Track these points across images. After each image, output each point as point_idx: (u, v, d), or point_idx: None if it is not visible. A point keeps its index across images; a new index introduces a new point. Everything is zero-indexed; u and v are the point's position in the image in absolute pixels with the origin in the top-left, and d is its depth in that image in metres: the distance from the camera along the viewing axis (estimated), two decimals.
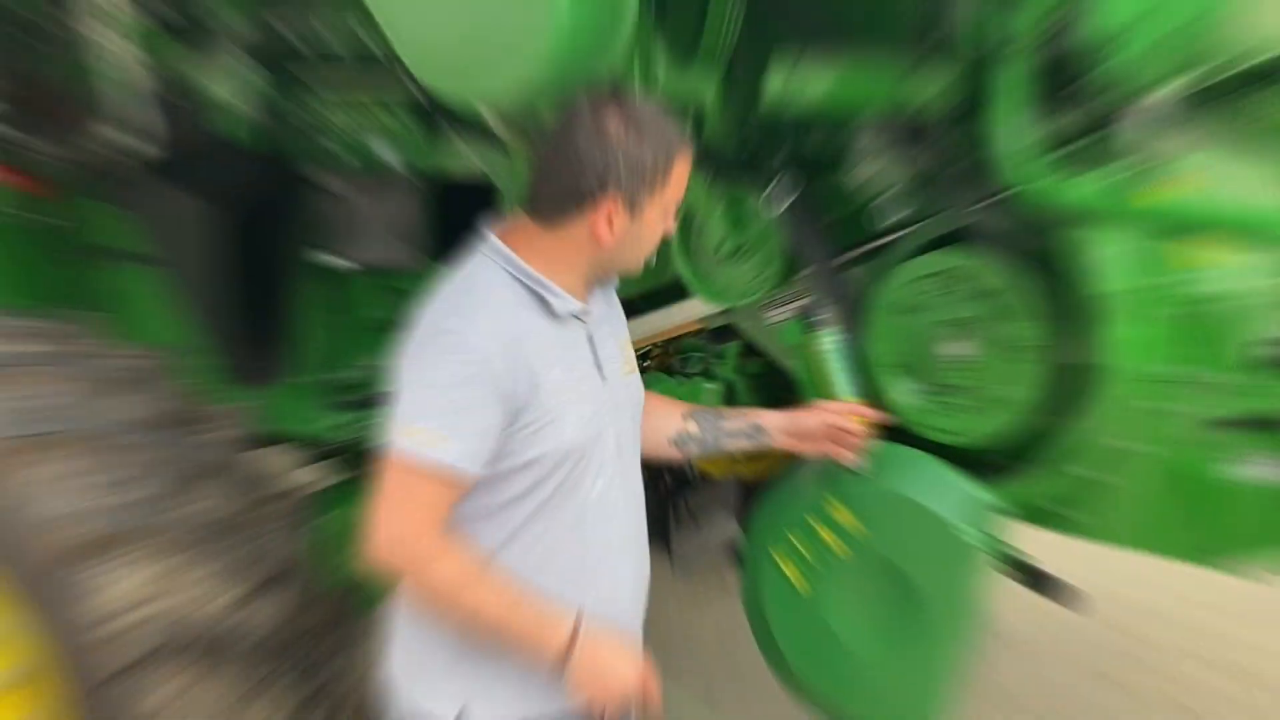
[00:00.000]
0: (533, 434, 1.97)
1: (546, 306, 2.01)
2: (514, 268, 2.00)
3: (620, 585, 2.16)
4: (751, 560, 2.50)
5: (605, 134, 1.92)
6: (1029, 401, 2.35)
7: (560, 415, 1.99)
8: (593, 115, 1.93)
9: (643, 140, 1.93)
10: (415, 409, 1.92)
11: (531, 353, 1.95)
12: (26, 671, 2.72)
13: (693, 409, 2.39)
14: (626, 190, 1.94)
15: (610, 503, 2.11)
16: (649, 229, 2.02)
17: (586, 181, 1.93)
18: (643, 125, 1.93)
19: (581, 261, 2.03)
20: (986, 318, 2.34)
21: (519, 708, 2.11)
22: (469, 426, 1.91)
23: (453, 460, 1.90)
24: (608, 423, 2.10)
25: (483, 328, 1.92)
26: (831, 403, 2.37)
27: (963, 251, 2.37)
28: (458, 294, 1.98)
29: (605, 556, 2.12)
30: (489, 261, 2.02)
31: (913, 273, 2.40)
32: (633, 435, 2.22)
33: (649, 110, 1.96)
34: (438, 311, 1.97)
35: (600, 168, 1.92)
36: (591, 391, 2.06)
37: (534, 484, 2.01)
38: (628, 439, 2.19)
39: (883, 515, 2.34)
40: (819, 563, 2.40)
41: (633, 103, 1.96)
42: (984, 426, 2.40)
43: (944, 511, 2.29)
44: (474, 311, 1.94)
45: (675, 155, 1.98)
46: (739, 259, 2.58)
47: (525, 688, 2.09)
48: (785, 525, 2.43)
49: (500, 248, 2.02)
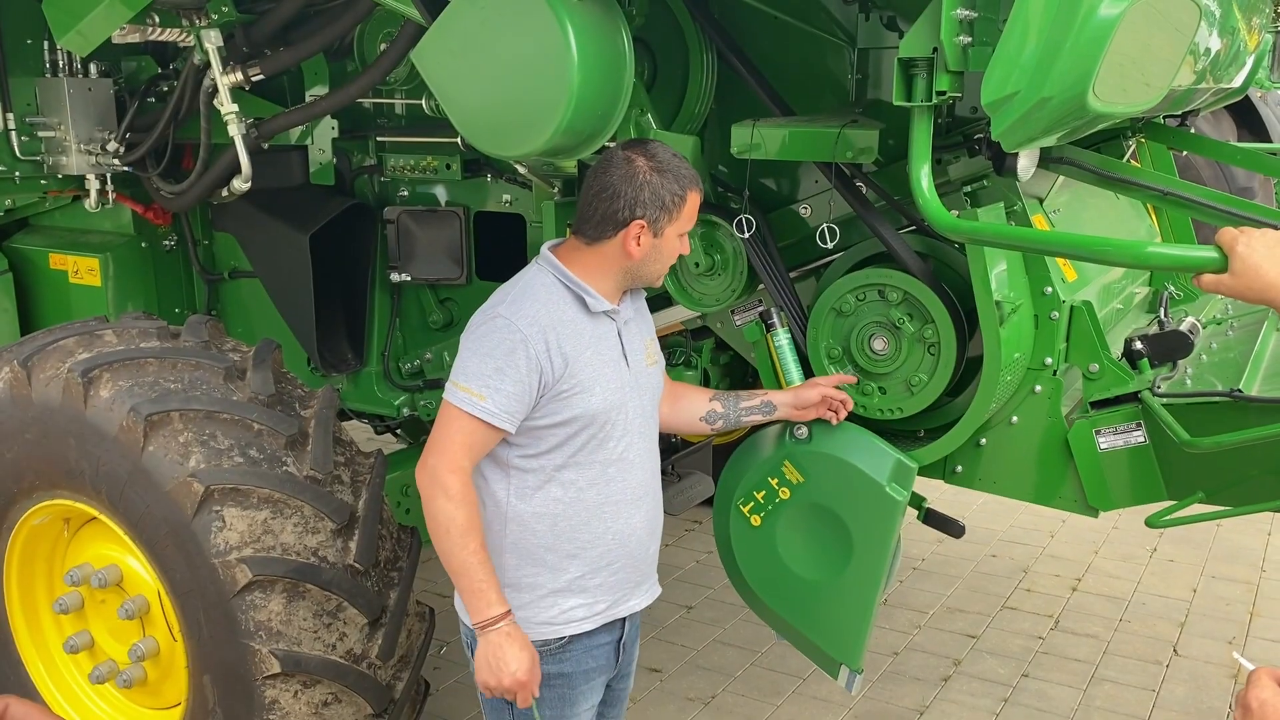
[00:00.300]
0: (566, 398, 2.02)
1: (584, 304, 2.07)
2: (560, 273, 2.07)
3: (634, 526, 2.17)
4: (721, 506, 2.51)
5: (635, 173, 2.01)
6: (938, 386, 2.36)
7: (589, 386, 2.04)
8: (626, 160, 2.02)
9: (664, 178, 2.02)
10: (465, 371, 2.00)
11: (566, 338, 2.02)
12: (148, 601, 2.75)
13: (716, 392, 2.39)
14: (651, 216, 2.02)
15: (629, 461, 2.14)
16: (668, 247, 2.09)
17: (621, 210, 2.01)
18: (664, 167, 2.02)
19: (616, 271, 2.09)
20: (906, 320, 2.36)
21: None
22: (504, 389, 1.97)
23: (485, 415, 1.97)
24: (630, 398, 2.13)
25: (526, 314, 2.00)
26: (822, 377, 2.38)
27: (888, 269, 2.39)
28: (513, 290, 2.08)
29: (623, 502, 2.14)
30: (542, 269, 2.10)
31: (849, 285, 2.41)
32: (652, 412, 2.24)
33: (668, 156, 2.05)
34: (496, 301, 2.07)
35: (631, 199, 2.01)
36: (617, 373, 2.10)
37: (566, 438, 2.06)
38: (647, 414, 2.21)
39: (823, 472, 2.35)
40: (771, 507, 2.42)
41: (656, 150, 2.05)
42: (904, 405, 2.41)
43: (870, 470, 2.31)
44: (521, 303, 2.03)
45: (688, 190, 2.05)
46: (712, 275, 2.59)
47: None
48: (748, 479, 2.44)
49: (552, 259, 2.09)
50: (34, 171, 3.38)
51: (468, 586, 2.01)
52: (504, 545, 2.10)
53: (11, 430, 2.72)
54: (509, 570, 2.10)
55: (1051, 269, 2.39)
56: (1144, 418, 2.35)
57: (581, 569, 2.12)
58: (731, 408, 2.36)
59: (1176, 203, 2.67)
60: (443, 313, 3.34)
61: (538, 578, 2.11)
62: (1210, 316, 3.19)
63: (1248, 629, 4.27)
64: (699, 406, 2.38)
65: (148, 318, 2.91)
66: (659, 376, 2.29)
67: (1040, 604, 4.50)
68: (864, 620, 2.41)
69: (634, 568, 2.21)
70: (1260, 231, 1.66)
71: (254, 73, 2.77)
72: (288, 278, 3.33)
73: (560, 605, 2.12)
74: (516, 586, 2.10)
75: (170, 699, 2.84)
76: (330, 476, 2.59)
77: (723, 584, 4.39)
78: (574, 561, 2.11)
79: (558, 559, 2.11)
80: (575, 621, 2.14)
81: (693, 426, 2.40)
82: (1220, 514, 2.36)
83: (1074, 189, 2.90)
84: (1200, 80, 2.36)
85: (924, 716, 3.66)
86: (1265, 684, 1.24)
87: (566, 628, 2.13)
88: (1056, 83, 1.77)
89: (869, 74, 2.57)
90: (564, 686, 2.16)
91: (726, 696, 3.80)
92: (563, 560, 2.11)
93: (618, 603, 2.20)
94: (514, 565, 2.10)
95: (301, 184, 3.34)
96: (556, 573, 2.11)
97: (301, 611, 2.48)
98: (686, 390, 2.43)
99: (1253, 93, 5.76)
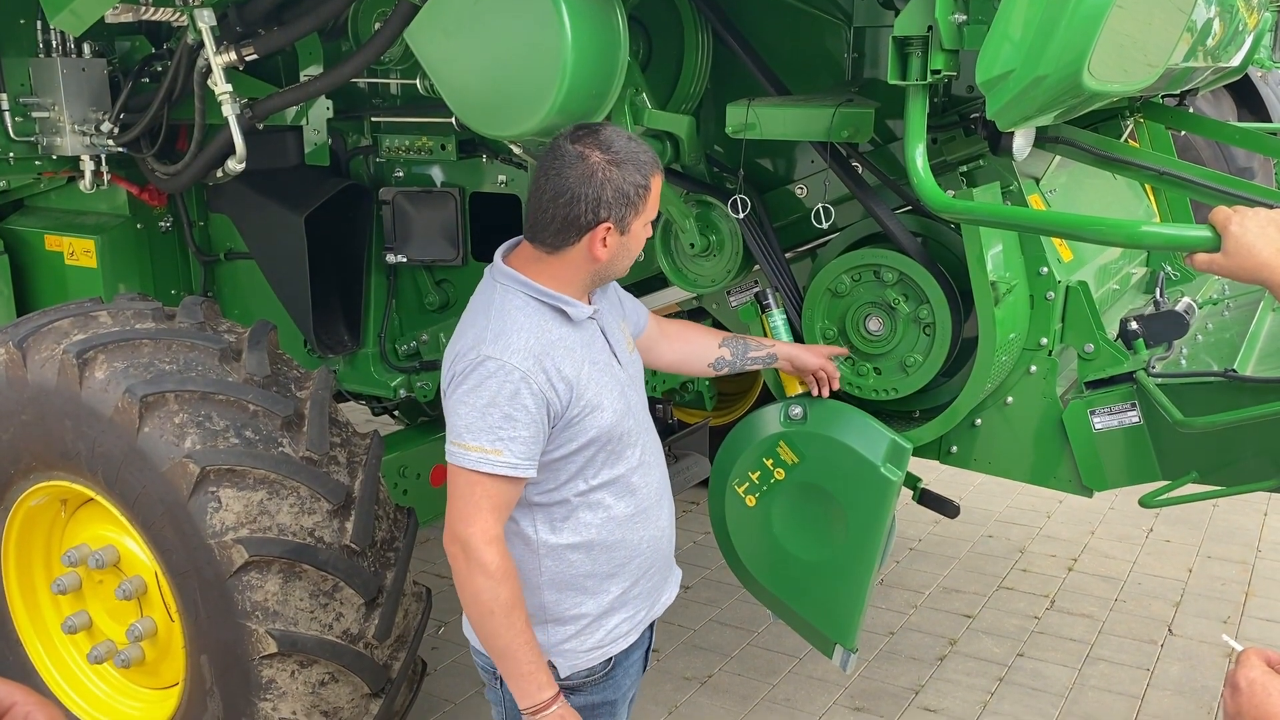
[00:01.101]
0: (580, 422, 1.89)
1: (565, 316, 1.92)
2: (531, 290, 1.91)
3: (662, 525, 2.10)
4: (716, 487, 2.51)
5: (593, 171, 1.83)
6: (933, 366, 2.36)
7: (598, 403, 1.91)
8: (579, 156, 1.83)
9: (624, 171, 1.84)
10: (470, 428, 1.82)
11: (562, 359, 1.87)
12: (146, 582, 2.76)
13: (726, 337, 2.35)
14: (617, 215, 1.86)
15: (647, 464, 2.06)
16: (636, 241, 1.94)
17: (584, 214, 1.84)
18: (622, 159, 1.84)
19: (584, 277, 1.93)
20: (901, 301, 2.35)
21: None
22: (517, 436, 1.81)
23: (505, 470, 1.82)
24: (631, 397, 2.02)
25: (516, 349, 1.83)
26: (823, 347, 2.38)
27: (883, 249, 2.38)
28: (489, 325, 1.87)
29: (650, 506, 2.05)
30: (509, 289, 1.92)
31: (844, 266, 2.39)
32: (645, 399, 2.13)
33: (624, 143, 1.87)
34: (475, 343, 1.86)
35: (594, 201, 1.83)
36: (614, 376, 1.98)
37: (586, 462, 1.93)
38: (645, 404, 2.12)
39: (818, 452, 2.35)
40: (766, 487, 2.41)
41: (609, 138, 1.86)
42: (899, 385, 2.40)
43: (865, 450, 2.31)
44: (506, 337, 1.84)
45: (650, 177, 1.89)
46: (708, 256, 2.58)
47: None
48: (743, 460, 2.43)
49: (516, 275, 1.92)
50: (28, 152, 3.37)
51: (515, 671, 1.87)
52: (540, 583, 1.97)
53: (7, 412, 2.72)
54: (550, 607, 1.98)
55: (1047, 249, 2.39)
56: (1139, 398, 2.35)
57: (623, 585, 2.03)
58: (739, 356, 2.33)
59: (1174, 183, 2.65)
60: (439, 294, 3.34)
61: (581, 607, 1.99)
62: (1206, 297, 3.19)
63: (1243, 609, 4.29)
64: (709, 352, 2.32)
65: (142, 299, 2.91)
66: (639, 358, 2.19)
67: (1036, 584, 4.51)
68: (858, 600, 2.42)
69: (665, 564, 2.16)
70: (1254, 210, 1.65)
71: (248, 52, 2.75)
72: (283, 259, 3.32)
73: (606, 626, 2.02)
74: (560, 620, 1.99)
75: (168, 679, 2.86)
76: (326, 457, 2.59)
77: (719, 564, 4.40)
78: (614, 581, 2.01)
79: (598, 583, 2.00)
80: (621, 638, 2.05)
81: (698, 371, 2.37)
82: (1214, 494, 2.36)
83: (1072, 169, 2.89)
84: (1199, 59, 2.34)
85: (919, 696, 3.68)
86: (1254, 664, 1.25)
87: (614, 646, 2.05)
88: (1051, 61, 1.76)
89: (865, 53, 2.56)
90: (607, 714, 2.10)
91: (723, 676, 3.82)
92: (603, 583, 2.00)
93: (654, 604, 2.14)
94: (554, 601, 1.98)
95: (297, 165, 3.32)
96: (599, 596, 2.00)
97: (298, 592, 2.49)
98: (696, 334, 2.35)
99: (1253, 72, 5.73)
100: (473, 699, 3.61)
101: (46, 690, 2.99)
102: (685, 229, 2.53)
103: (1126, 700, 3.65)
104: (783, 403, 2.41)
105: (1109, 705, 3.62)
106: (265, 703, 2.51)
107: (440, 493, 3.33)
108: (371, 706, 2.64)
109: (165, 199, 3.64)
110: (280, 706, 2.52)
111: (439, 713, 3.57)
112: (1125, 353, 2.41)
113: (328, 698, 2.56)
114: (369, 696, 2.62)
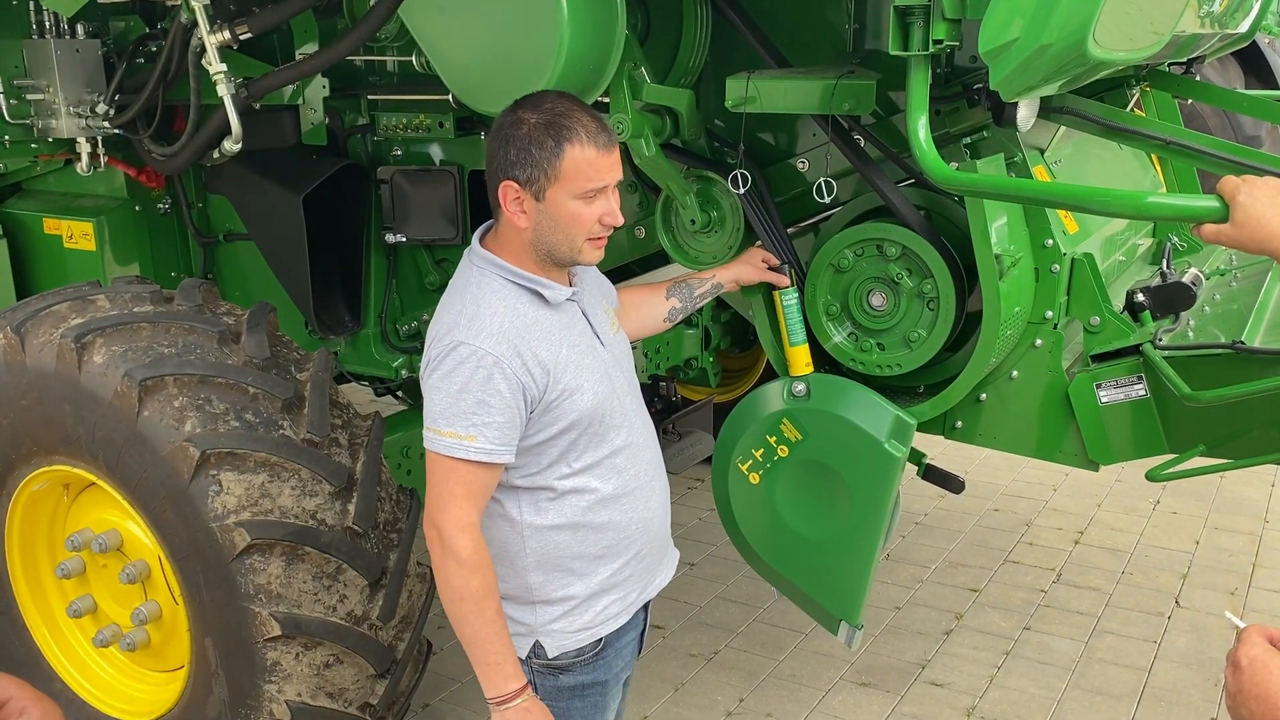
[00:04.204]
0: (558, 406, 1.87)
1: (542, 298, 1.90)
2: (506, 273, 1.89)
3: (655, 506, 2.09)
4: (720, 464, 2.50)
5: (512, 128, 1.82)
6: (937, 341, 2.34)
7: (577, 386, 1.89)
8: (510, 115, 1.84)
9: (539, 133, 1.80)
10: (443, 414, 1.81)
11: (538, 344, 1.85)
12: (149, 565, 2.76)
13: (669, 286, 2.37)
14: (523, 176, 1.82)
15: (635, 445, 2.03)
16: (561, 213, 1.84)
17: (495, 173, 1.84)
18: (546, 121, 1.80)
19: (523, 247, 1.88)
20: (905, 275, 2.33)
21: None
22: (491, 421, 1.79)
23: (480, 456, 1.80)
24: (615, 378, 2.01)
25: (489, 333, 1.81)
26: (755, 251, 2.41)
27: (886, 223, 2.35)
28: (464, 309, 1.85)
29: (639, 488, 2.03)
30: (484, 271, 1.90)
31: (847, 240, 2.37)
32: (635, 380, 2.12)
33: (564, 105, 1.83)
34: (449, 327, 1.84)
35: (502, 160, 1.83)
36: (596, 360, 1.96)
37: (568, 446, 1.92)
38: (633, 384, 2.10)
39: (821, 429, 2.34)
40: (770, 465, 2.40)
41: (548, 101, 1.83)
42: (903, 361, 2.39)
43: (869, 426, 2.30)
44: (480, 322, 1.82)
45: (566, 144, 1.80)
46: (709, 232, 2.56)
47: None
48: (746, 438, 2.42)
49: (491, 258, 1.90)
50: (23, 135, 3.34)
51: (482, 659, 1.86)
52: (527, 565, 1.95)
53: (7, 397, 2.71)
54: (537, 589, 1.97)
55: (1052, 221, 2.36)
56: (1145, 371, 2.33)
57: (612, 567, 2.01)
58: (687, 299, 2.37)
59: (1181, 152, 2.62)
60: (439, 274, 3.32)
61: (569, 588, 1.98)
62: (1214, 268, 3.16)
63: (1250, 580, 4.28)
64: (660, 310, 2.36)
65: (140, 282, 2.89)
66: (625, 339, 2.18)
67: (1042, 557, 4.51)
68: (863, 577, 2.41)
69: (658, 546, 2.14)
70: (1263, 180, 1.63)
71: (242, 31, 2.72)
72: (282, 240, 3.30)
73: (595, 607, 2.01)
74: (548, 601, 1.97)
75: (174, 661, 2.86)
76: (327, 439, 2.58)
77: (724, 541, 4.39)
78: (602, 563, 2.00)
79: (585, 564, 1.98)
80: (612, 619, 2.04)
81: (658, 328, 2.40)
82: (1221, 467, 2.34)
83: (1077, 140, 2.85)
84: (1205, 26, 2.31)
85: (926, 670, 3.68)
86: (1256, 641, 1.23)
87: (604, 628, 2.03)
88: (1056, 29, 1.73)
89: (866, 23, 2.52)
90: (598, 694, 2.08)
91: (729, 652, 3.82)
92: (591, 565, 1.99)
93: (646, 585, 2.13)
94: (541, 582, 1.97)
95: (294, 144, 3.30)
96: (588, 578, 1.98)
97: (301, 574, 2.49)
98: (645, 295, 2.36)
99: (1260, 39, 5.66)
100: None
101: (53, 674, 3.00)
102: (686, 205, 2.51)
103: (1133, 673, 3.65)
104: (786, 379, 2.39)
105: (1116, 678, 3.62)
106: (270, 685, 2.52)
107: None
108: (377, 687, 2.64)
109: (163, 181, 3.62)
110: (285, 688, 2.52)
111: (445, 691, 3.58)
112: (1131, 325, 2.39)
113: (333, 679, 2.56)
114: (374, 677, 2.63)
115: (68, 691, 2.98)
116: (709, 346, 3.46)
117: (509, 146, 1.82)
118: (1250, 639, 1.24)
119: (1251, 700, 1.20)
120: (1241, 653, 1.23)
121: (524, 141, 1.81)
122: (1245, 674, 1.22)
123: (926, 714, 3.45)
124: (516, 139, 1.81)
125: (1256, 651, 1.22)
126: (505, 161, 1.83)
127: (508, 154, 1.82)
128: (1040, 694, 3.54)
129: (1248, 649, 1.23)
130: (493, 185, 1.87)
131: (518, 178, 1.83)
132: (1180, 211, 1.88)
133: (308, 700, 2.54)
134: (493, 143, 1.86)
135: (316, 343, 3.39)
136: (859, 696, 3.55)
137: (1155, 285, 2.50)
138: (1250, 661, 1.22)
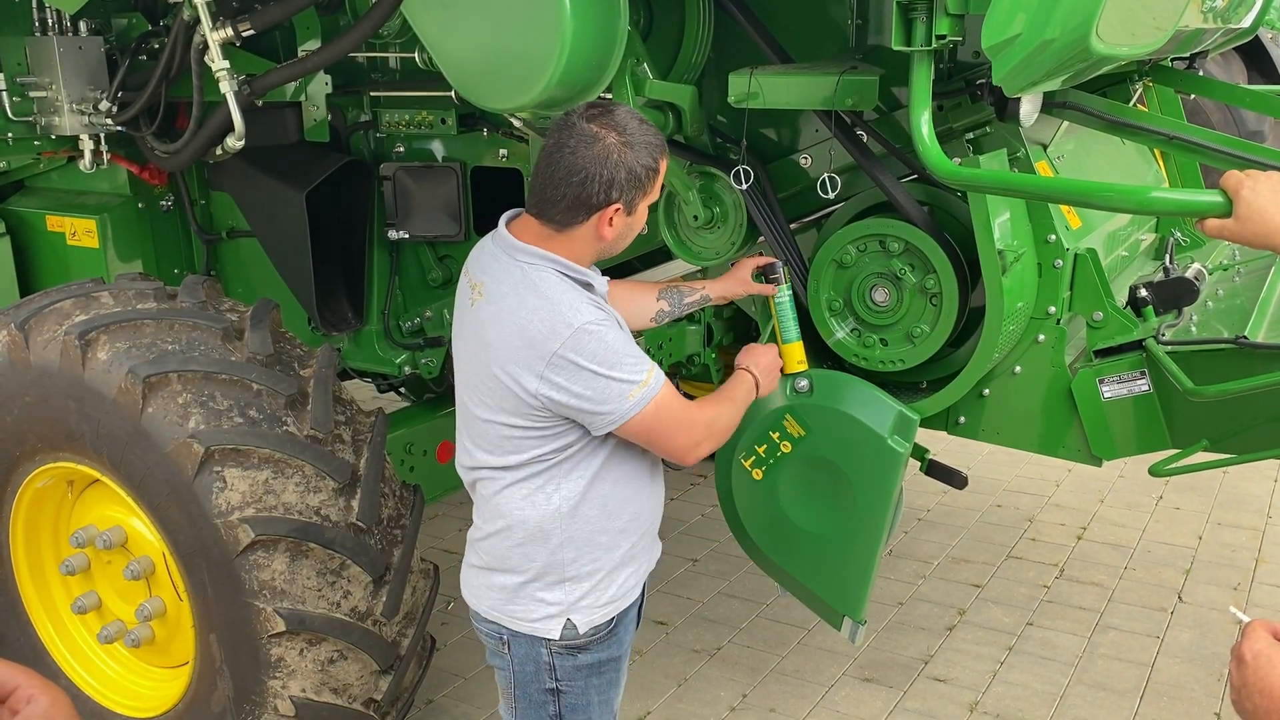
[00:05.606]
0: None
1: (591, 289, 1.99)
2: (562, 267, 1.95)
3: (661, 483, 2.19)
4: (723, 460, 2.50)
5: (608, 153, 1.87)
6: (940, 336, 2.34)
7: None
8: (594, 137, 1.87)
9: (636, 153, 1.89)
10: (628, 371, 1.91)
11: None
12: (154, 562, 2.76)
13: (661, 289, 2.40)
14: (628, 198, 1.92)
15: None
16: (639, 221, 2.00)
17: (596, 194, 1.88)
18: (634, 140, 1.89)
19: (589, 253, 1.99)
20: (908, 271, 2.33)
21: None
22: (643, 353, 1.96)
23: (663, 378, 1.96)
24: None
25: (584, 308, 1.91)
26: (748, 260, 2.41)
27: (889, 219, 2.35)
28: (547, 303, 1.91)
29: (656, 464, 2.14)
30: (537, 266, 1.95)
31: (850, 236, 2.37)
32: None
33: (635, 125, 1.91)
34: (552, 327, 1.89)
35: (607, 182, 1.88)
36: None
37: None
38: None
39: (824, 425, 2.34)
40: (773, 460, 2.41)
41: (622, 120, 1.90)
42: (906, 356, 2.39)
43: (871, 422, 2.30)
44: (572, 304, 1.91)
45: (659, 160, 1.94)
46: (712, 228, 2.56)
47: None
48: (749, 434, 2.42)
49: (541, 253, 1.95)
50: (27, 132, 3.35)
51: (744, 401, 2.16)
52: (563, 542, 2.03)
53: (11, 394, 2.72)
54: (568, 565, 2.03)
55: (1055, 216, 2.36)
56: (1148, 366, 2.33)
57: (631, 540, 2.10)
58: (676, 305, 2.40)
59: (1184, 147, 2.62)
60: (442, 270, 3.32)
61: (597, 562, 2.05)
62: (1217, 263, 3.15)
63: (1253, 575, 4.28)
64: (649, 308, 2.39)
65: (144, 279, 2.90)
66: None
67: (1045, 553, 4.51)
68: (866, 573, 2.41)
69: (658, 519, 2.22)
70: (1266, 175, 1.62)
71: (244, 28, 2.72)
72: (285, 236, 3.31)
73: (617, 581, 2.09)
74: (578, 579, 2.05)
75: (178, 658, 2.87)
76: (331, 435, 2.59)
77: (728, 537, 4.39)
78: (624, 536, 2.08)
79: (611, 537, 2.06)
80: (629, 592, 2.12)
81: (641, 326, 2.42)
82: (1224, 462, 2.34)
83: (1080, 135, 2.85)
84: (1208, 20, 2.30)
85: (929, 665, 3.68)
86: (1260, 636, 1.23)
87: (624, 600, 2.11)
88: (1059, 24, 1.73)
89: (869, 19, 2.52)
90: (613, 670, 2.16)
91: (732, 648, 3.82)
92: (615, 538, 2.07)
93: (650, 559, 2.21)
94: (572, 558, 2.03)
95: (296, 141, 3.30)
96: (612, 551, 2.07)
97: (305, 570, 2.49)
98: (636, 292, 2.40)
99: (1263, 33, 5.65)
100: (483, 672, 3.62)
101: (58, 670, 3.01)
102: (688, 201, 2.51)
103: (1137, 668, 3.65)
104: (788, 376, 2.39)
105: (1119, 673, 3.62)
106: (275, 680, 2.52)
107: (446, 469, 3.33)
108: (381, 683, 2.65)
109: (166, 178, 3.62)
110: (290, 684, 2.53)
111: (449, 687, 3.59)
112: (1134, 320, 2.39)
113: (337, 675, 2.57)
114: (378, 673, 2.63)
115: (72, 687, 2.99)
116: (711, 343, 3.46)
117: (612, 170, 1.88)
118: (1254, 633, 1.24)
119: (1256, 694, 1.20)
120: (1245, 647, 1.23)
121: (629, 163, 1.89)
122: (1249, 668, 1.21)
123: (929, 709, 3.45)
124: (621, 163, 1.88)
125: (1261, 646, 1.22)
126: (610, 184, 1.88)
127: (615, 177, 1.88)
128: (1043, 689, 3.54)
129: (1252, 643, 1.23)
130: (584, 204, 1.90)
131: (622, 199, 1.91)
132: (1183, 206, 1.87)
133: (312, 696, 2.55)
134: (582, 163, 1.87)
135: (319, 339, 3.39)
136: (862, 692, 3.55)
137: (1158, 280, 2.50)
138: (1254, 656, 1.22)
